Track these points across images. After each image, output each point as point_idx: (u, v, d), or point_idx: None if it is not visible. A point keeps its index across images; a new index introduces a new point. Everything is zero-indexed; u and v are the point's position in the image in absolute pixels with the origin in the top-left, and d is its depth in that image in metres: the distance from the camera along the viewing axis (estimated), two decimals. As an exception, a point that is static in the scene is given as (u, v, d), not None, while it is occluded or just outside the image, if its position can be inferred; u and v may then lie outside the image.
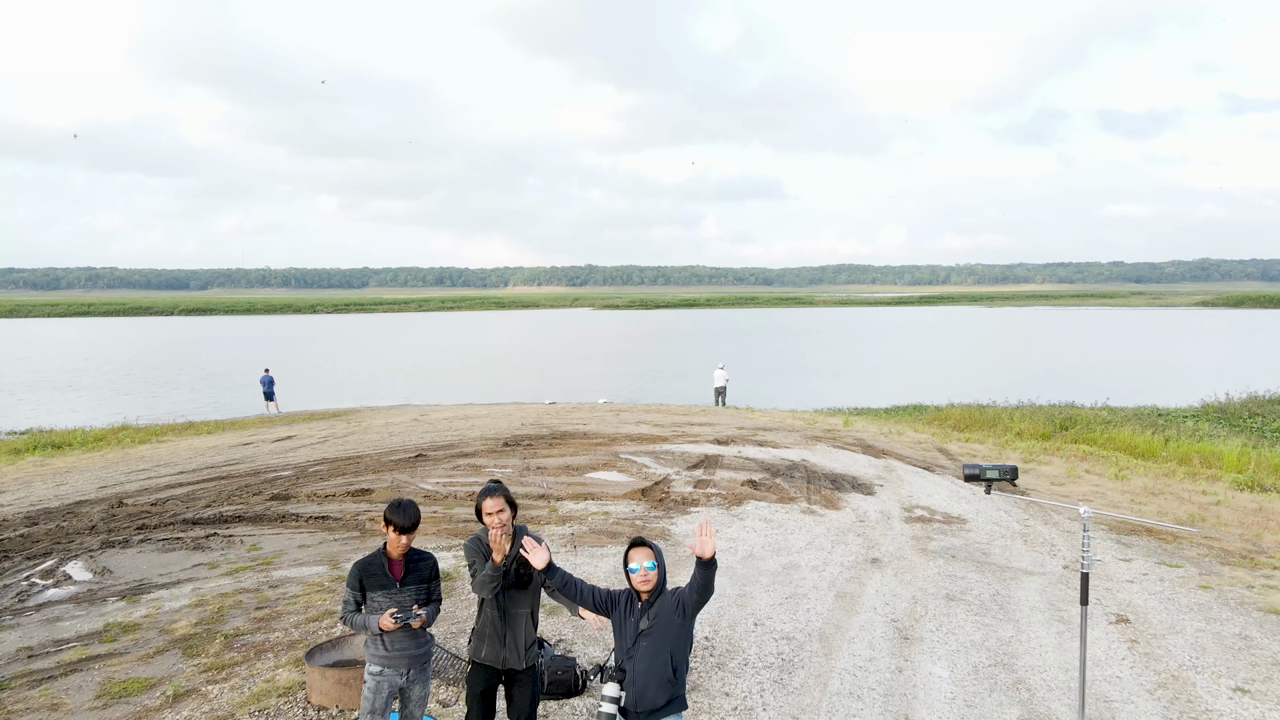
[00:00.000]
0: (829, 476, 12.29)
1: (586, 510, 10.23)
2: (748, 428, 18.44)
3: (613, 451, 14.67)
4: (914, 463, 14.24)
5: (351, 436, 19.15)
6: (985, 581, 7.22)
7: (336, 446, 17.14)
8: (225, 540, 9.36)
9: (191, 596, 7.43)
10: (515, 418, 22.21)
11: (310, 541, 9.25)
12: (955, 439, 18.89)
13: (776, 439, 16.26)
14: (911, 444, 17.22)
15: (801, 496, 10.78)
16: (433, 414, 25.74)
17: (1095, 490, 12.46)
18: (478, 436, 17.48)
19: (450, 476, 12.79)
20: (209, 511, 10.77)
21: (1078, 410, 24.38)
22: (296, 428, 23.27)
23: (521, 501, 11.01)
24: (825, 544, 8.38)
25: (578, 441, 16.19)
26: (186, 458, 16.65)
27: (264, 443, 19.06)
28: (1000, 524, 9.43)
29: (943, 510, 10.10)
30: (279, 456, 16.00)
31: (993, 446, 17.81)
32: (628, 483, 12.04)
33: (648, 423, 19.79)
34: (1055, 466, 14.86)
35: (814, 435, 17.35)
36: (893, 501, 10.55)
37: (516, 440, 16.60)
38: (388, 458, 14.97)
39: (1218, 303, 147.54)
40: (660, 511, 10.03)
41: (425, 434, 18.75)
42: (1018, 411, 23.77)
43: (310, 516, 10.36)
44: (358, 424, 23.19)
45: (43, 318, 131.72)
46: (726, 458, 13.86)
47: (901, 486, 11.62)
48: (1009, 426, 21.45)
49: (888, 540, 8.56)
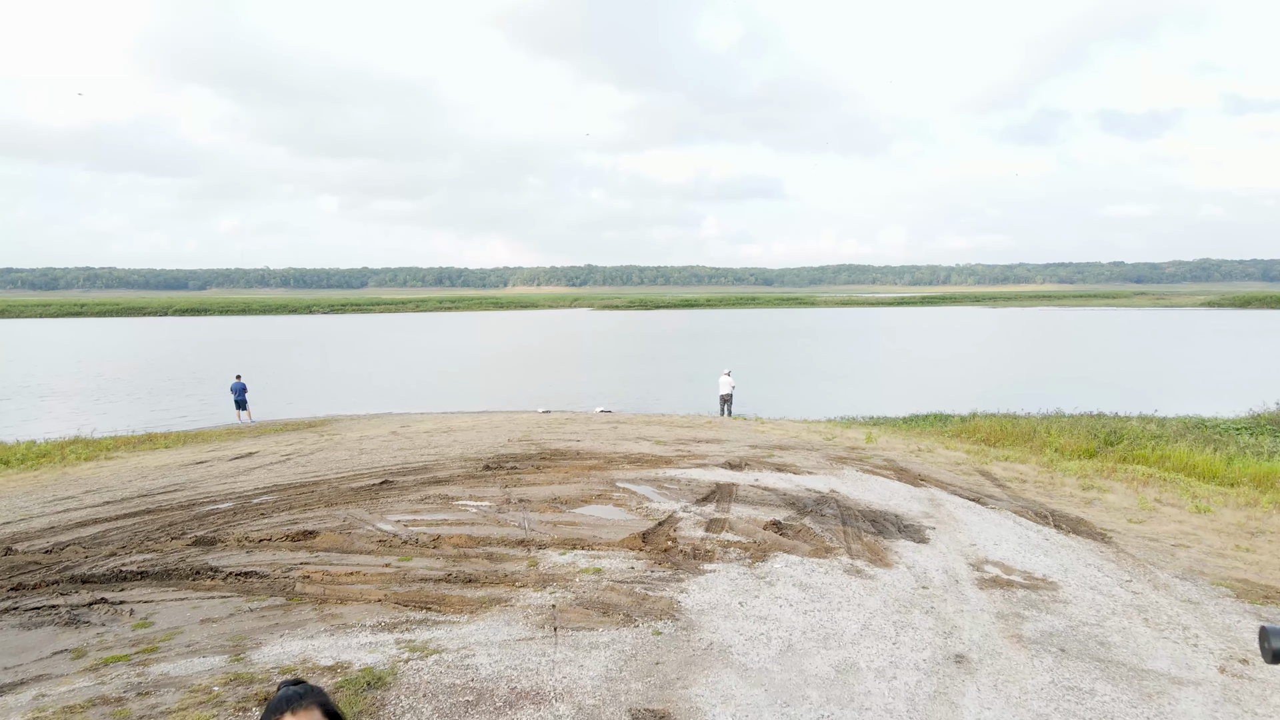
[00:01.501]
0: (867, 515, 10.27)
1: (574, 565, 8.21)
2: (761, 446, 16.42)
3: (608, 479, 12.65)
4: (959, 492, 12.23)
5: (318, 454, 17.13)
6: (1124, 698, 5.20)
7: (296, 468, 15.12)
8: (112, 610, 7.35)
9: (26, 712, 5.41)
10: (503, 430, 20.20)
11: (219, 612, 7.23)
12: (992, 457, 16.87)
13: (796, 461, 14.24)
14: (948, 465, 15.21)
15: (840, 545, 8.76)
16: (414, 424, 23.72)
17: (1183, 530, 10.45)
18: (457, 456, 15.46)
19: (415, 512, 10.77)
20: (110, 564, 8.75)
21: (1121, 422, 22.37)
22: (264, 441, 21.25)
23: (496, 549, 9.01)
24: (886, 627, 6.35)
25: (569, 464, 14.17)
26: (125, 481, 14.62)
27: (220, 461, 17.04)
28: (1101, 590, 7.41)
29: (1020, 567, 8.08)
30: (227, 481, 13.97)
31: (1037, 467, 15.80)
32: (626, 522, 10.03)
33: (648, 439, 17.78)
34: (1119, 495, 12.85)
35: (837, 456, 15.33)
36: (954, 553, 8.53)
37: (500, 461, 14.58)
38: (349, 484, 12.95)
39: (1223, 303, 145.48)
40: (667, 569, 8.01)
41: (399, 451, 16.73)
42: (1053, 424, 21.76)
43: (231, 573, 8.33)
44: (330, 437, 21.17)
45: (35, 318, 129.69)
46: (742, 488, 11.84)
47: (958, 529, 9.59)
48: (1047, 441, 19.43)
49: (967, 621, 6.54)
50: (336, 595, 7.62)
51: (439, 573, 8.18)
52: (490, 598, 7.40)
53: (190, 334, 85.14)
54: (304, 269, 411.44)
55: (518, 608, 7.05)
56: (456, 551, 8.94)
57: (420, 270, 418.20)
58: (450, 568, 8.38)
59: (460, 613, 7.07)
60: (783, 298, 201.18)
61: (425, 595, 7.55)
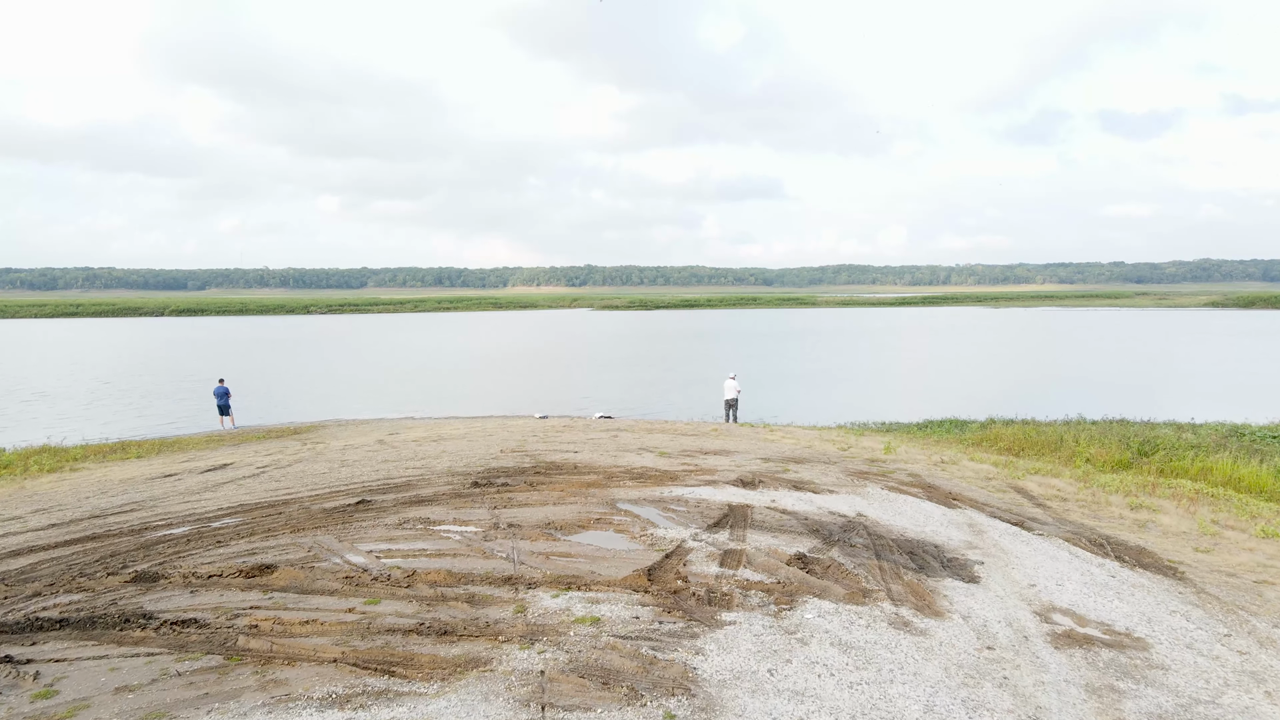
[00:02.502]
0: (902, 545, 9.05)
1: (568, 612, 6.99)
2: (774, 459, 15.20)
3: (608, 498, 11.43)
4: (999, 514, 11.01)
5: (296, 466, 15.91)
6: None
7: (269, 484, 13.89)
8: (14, 672, 6.13)
9: None
10: (496, 440, 18.99)
11: (141, 677, 6.01)
12: (1023, 470, 15.66)
13: (814, 477, 13.02)
14: (978, 481, 13.99)
15: (878, 587, 7.54)
16: (404, 432, 22.50)
17: (1258, 561, 9.23)
18: (444, 470, 14.23)
19: (391, 540, 9.55)
20: (29, 607, 7.54)
21: (1150, 429, 21.13)
22: (243, 450, 20.04)
23: (478, 589, 7.80)
24: (955, 710, 5.11)
25: (565, 480, 12.95)
26: (81, 498, 13.39)
27: (191, 474, 15.83)
28: (1200, 649, 6.20)
29: (1095, 616, 6.86)
30: (190, 499, 12.75)
31: (1073, 482, 14.59)
32: (628, 553, 8.81)
33: (651, 449, 16.56)
34: (1172, 516, 11.64)
35: (857, 470, 14.11)
36: (1013, 598, 7.31)
37: (490, 476, 13.35)
38: (322, 504, 11.74)
39: (1227, 303, 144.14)
40: (678, 619, 6.79)
41: (384, 464, 15.51)
42: (1080, 431, 20.51)
43: (167, 621, 7.11)
44: (314, 446, 19.95)
45: (31, 318, 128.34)
46: (757, 510, 10.62)
47: (1009, 564, 8.37)
48: (1077, 451, 18.21)
49: (1052, 698, 5.31)
50: (285, 652, 6.40)
51: (410, 621, 6.97)
52: (467, 657, 6.19)
53: (187, 335, 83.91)
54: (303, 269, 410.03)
55: (499, 674, 5.83)
56: (433, 592, 7.73)
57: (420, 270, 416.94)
58: (424, 613, 7.18)
59: (430, 679, 5.85)
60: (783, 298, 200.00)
61: (390, 654, 6.33)
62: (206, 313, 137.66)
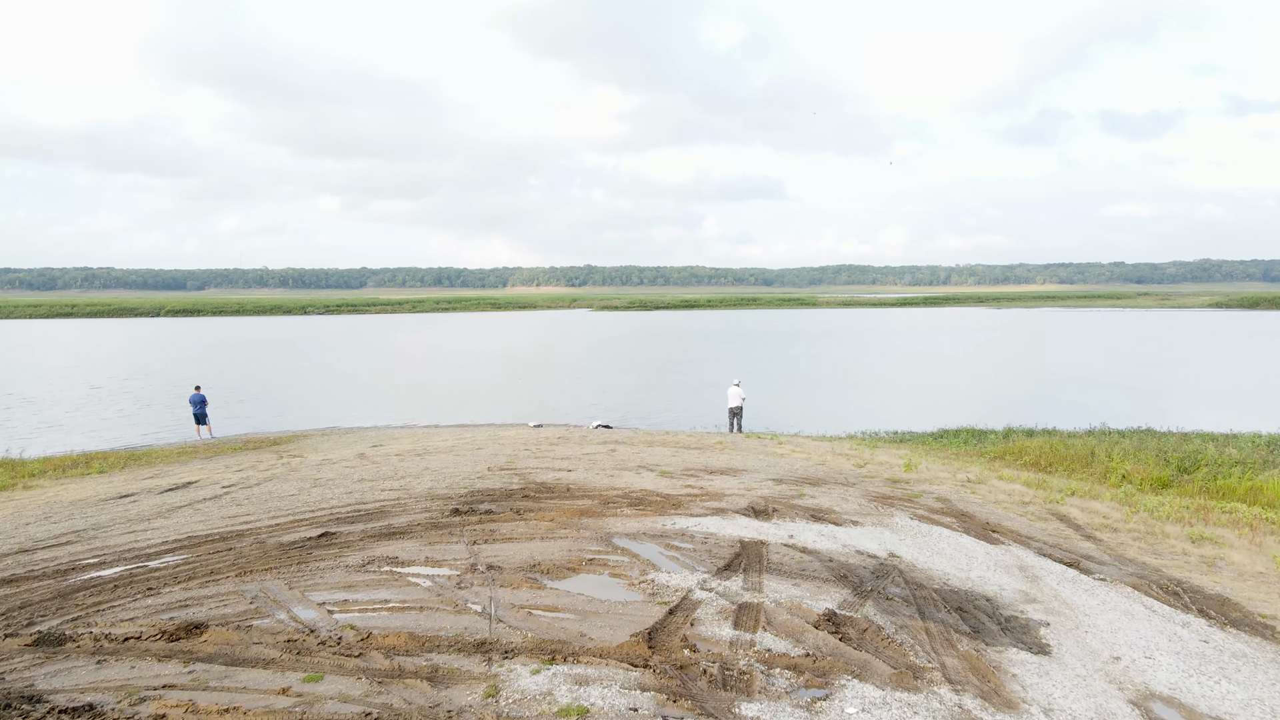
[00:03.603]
0: (948, 598, 7.71)
1: (550, 699, 5.65)
2: (786, 478, 13.87)
3: (603, 532, 10.08)
4: (1047, 551, 9.68)
5: (264, 486, 14.57)
6: None
7: (229, 508, 12.55)
8: None
9: None
10: (485, 454, 17.66)
11: (-3, 800, 4.67)
12: (1057, 491, 14.32)
13: (833, 503, 11.68)
14: (1013, 505, 12.66)
15: (929, 660, 6.21)
16: (387, 443, 21.17)
17: (1362, 614, 7.88)
18: (423, 493, 12.88)
19: (350, 589, 8.21)
20: (-105, 686, 6.19)
21: (1184, 441, 19.77)
22: (214, 464, 18.71)
23: (444, 659, 6.45)
24: None
25: (556, 505, 11.61)
26: (18, 525, 12.05)
27: (149, 494, 14.49)
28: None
29: (1209, 709, 5.53)
30: (137, 529, 11.40)
31: (1116, 505, 13.26)
32: (625, 608, 7.48)
33: (651, 467, 15.23)
34: (1241, 551, 10.30)
35: (879, 493, 12.77)
36: (1097, 677, 5.97)
37: (473, 502, 12.01)
38: (281, 536, 10.40)
39: (1230, 304, 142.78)
40: (685, 709, 5.45)
41: (360, 483, 14.17)
42: (1110, 443, 19.16)
43: (56, 708, 5.77)
44: (289, 460, 18.62)
45: (26, 319, 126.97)
46: (773, 548, 9.28)
47: (1080, 626, 7.04)
48: (1111, 467, 16.87)
49: None
50: (190, 760, 5.07)
51: (354, 709, 5.64)
52: (419, 770, 4.85)
53: (181, 336, 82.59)
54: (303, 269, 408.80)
55: (455, 801, 4.49)
56: (389, 663, 6.39)
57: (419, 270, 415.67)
58: (374, 696, 5.84)
59: (366, 806, 4.51)
60: (784, 298, 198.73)
61: (322, 763, 4.99)
62: (203, 313, 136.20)
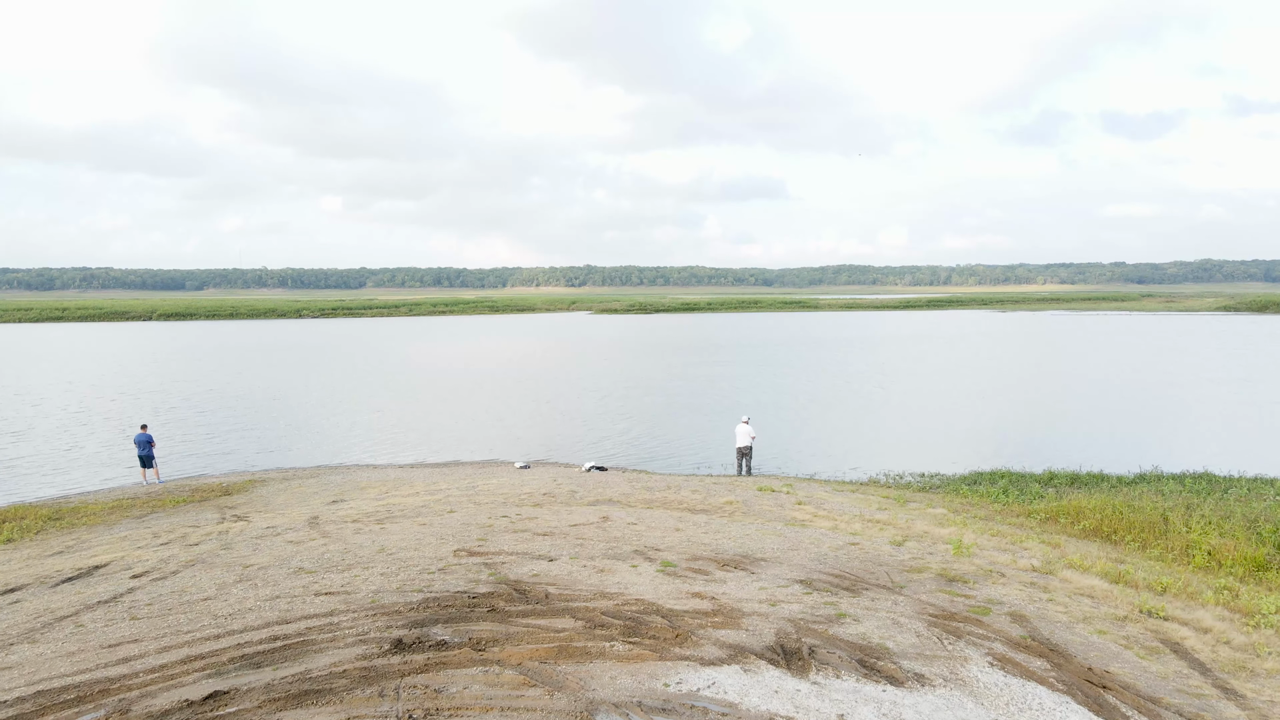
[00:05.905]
0: None
1: None
2: (815, 578, 11.31)
3: (584, 696, 7.50)
4: (1188, 732, 7.10)
5: (181, 575, 12.00)
6: None
7: (120, 623, 9.96)
8: None
9: None
10: (456, 520, 15.12)
11: None
12: (1142, 586, 11.75)
13: (884, 634, 9.12)
14: (1107, 623, 10.10)
15: None
16: (351, 496, 18.64)
17: None
18: (367, 602, 10.29)
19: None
20: None
21: (1263, 496, 17.21)
22: (145, 528, 16.18)
23: None
24: None
25: (528, 630, 9.03)
26: None
27: (42, 588, 11.92)
28: None
29: None
30: (-15, 668, 8.81)
31: (1223, 613, 10.70)
32: None
33: (651, 552, 12.67)
34: None
35: (937, 608, 10.21)
36: None
37: (424, 623, 9.41)
38: (157, 691, 7.79)
39: (1238, 307, 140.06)
40: None
41: (294, 576, 11.58)
42: (1188, 508, 16.56)
43: None
44: (231, 522, 16.09)
45: (14, 323, 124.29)
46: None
47: None
48: (1191, 540, 14.34)
49: None
50: None
51: None
52: None
53: (169, 343, 79.97)
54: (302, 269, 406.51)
55: None
56: None
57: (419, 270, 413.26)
58: None
59: None
60: (785, 300, 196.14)
61: None
62: (195, 317, 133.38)
